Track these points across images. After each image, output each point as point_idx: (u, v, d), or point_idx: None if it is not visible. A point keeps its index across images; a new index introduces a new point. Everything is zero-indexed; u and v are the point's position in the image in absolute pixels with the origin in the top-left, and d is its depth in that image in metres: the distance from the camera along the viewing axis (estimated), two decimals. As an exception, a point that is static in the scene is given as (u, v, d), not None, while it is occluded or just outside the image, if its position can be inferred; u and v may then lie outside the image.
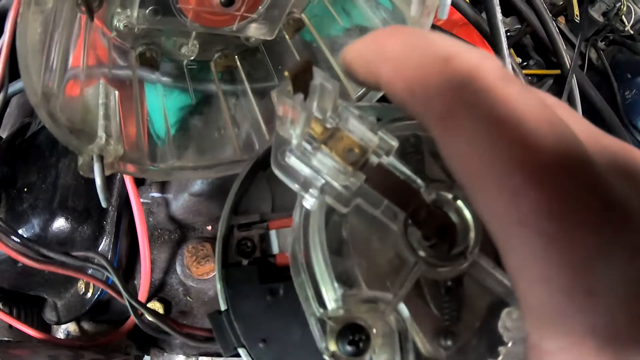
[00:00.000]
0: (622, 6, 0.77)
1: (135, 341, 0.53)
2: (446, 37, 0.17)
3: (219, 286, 0.36)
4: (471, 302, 0.22)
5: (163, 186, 0.53)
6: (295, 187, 0.21)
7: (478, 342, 0.23)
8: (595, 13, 0.76)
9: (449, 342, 0.22)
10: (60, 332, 0.56)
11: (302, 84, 0.20)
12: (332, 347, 0.19)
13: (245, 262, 0.36)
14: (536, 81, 0.78)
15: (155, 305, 0.49)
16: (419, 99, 0.16)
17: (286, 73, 0.20)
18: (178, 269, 0.49)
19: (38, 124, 0.58)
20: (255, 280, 0.35)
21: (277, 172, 0.21)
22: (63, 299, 0.55)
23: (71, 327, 0.55)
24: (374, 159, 0.21)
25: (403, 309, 0.21)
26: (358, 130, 0.20)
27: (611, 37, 0.77)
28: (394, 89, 0.17)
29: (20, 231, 0.50)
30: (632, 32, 0.80)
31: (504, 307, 0.22)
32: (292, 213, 0.24)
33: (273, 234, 0.40)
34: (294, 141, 0.20)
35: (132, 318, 0.50)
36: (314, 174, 0.20)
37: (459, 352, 0.22)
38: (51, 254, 0.48)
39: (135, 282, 0.51)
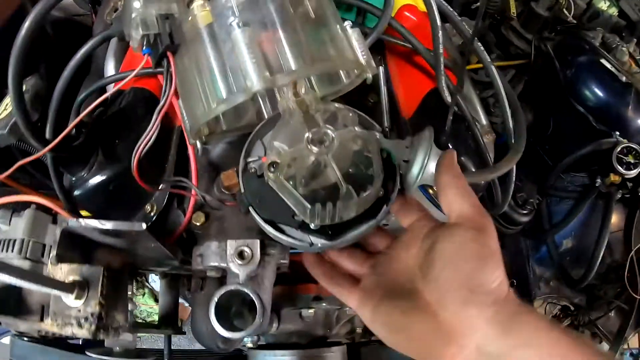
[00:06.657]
0: (562, 0, 0.92)
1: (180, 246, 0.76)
2: None
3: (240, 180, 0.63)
4: None
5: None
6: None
7: None
8: (541, 9, 0.93)
9: None
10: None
11: None
12: None
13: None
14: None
15: (199, 215, 0.72)
16: None
17: None
18: (215, 188, 0.72)
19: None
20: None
21: None
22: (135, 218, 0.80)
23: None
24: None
25: None
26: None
27: (558, 28, 0.93)
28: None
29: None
30: (574, 21, 0.95)
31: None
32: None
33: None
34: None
35: (182, 227, 0.74)
36: None
37: None
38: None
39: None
